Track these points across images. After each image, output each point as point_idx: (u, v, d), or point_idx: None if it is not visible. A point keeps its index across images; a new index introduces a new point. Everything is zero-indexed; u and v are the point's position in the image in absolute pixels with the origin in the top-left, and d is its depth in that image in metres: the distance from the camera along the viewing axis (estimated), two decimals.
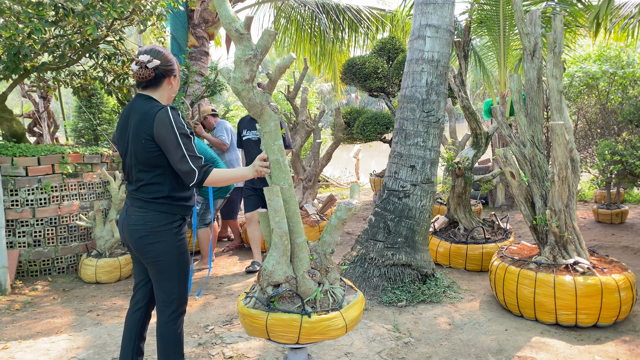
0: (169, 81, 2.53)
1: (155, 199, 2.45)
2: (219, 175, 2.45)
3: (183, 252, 2.53)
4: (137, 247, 2.47)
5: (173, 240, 2.47)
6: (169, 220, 2.47)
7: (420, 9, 4.58)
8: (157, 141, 2.37)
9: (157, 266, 2.47)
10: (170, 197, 2.47)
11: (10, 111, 5.47)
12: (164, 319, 2.52)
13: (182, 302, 2.56)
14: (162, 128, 2.35)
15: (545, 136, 5.10)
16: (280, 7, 10.70)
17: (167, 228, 2.46)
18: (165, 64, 2.48)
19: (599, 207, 7.33)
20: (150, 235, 2.43)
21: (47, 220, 5.11)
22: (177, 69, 2.58)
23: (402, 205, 4.50)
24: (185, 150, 2.36)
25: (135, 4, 4.74)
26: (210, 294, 4.63)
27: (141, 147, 2.40)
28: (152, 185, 2.45)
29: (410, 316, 3.90)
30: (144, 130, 2.38)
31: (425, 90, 4.51)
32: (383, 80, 9.14)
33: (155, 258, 2.46)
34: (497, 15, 8.28)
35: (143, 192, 2.46)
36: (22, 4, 4.34)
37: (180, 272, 2.52)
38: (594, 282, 3.50)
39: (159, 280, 2.51)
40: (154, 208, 2.45)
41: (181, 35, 8.30)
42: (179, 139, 2.35)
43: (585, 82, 7.79)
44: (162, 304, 2.53)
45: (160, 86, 2.51)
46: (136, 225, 2.45)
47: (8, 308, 4.29)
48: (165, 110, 2.39)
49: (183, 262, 2.53)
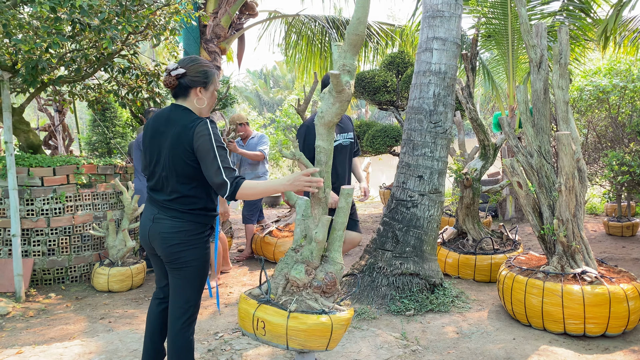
0: (195, 92, 2.51)
1: (192, 210, 2.48)
2: (251, 188, 2.41)
3: (207, 261, 2.60)
4: (167, 254, 2.49)
5: (202, 248, 2.54)
6: (201, 230, 2.52)
7: (427, 22, 4.66)
8: (197, 153, 2.39)
9: (183, 272, 2.51)
10: (205, 209, 2.52)
11: (27, 123, 5.61)
12: (179, 326, 2.55)
13: (196, 309, 2.62)
14: (201, 139, 2.36)
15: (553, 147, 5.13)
16: (291, 22, 10.88)
17: (199, 237, 2.51)
18: (193, 74, 2.48)
19: (610, 220, 7.30)
20: (183, 243, 2.46)
21: (62, 229, 5.21)
22: (211, 82, 2.55)
23: (410, 215, 4.54)
24: (220, 162, 2.36)
25: (149, 18, 4.87)
26: (220, 302, 4.68)
27: (181, 159, 2.41)
28: (190, 197, 2.47)
29: (418, 325, 3.92)
30: (185, 142, 2.39)
31: (433, 101, 4.57)
32: (392, 94, 9.23)
33: (184, 265, 2.49)
34: (505, 29, 8.37)
35: (180, 203, 2.48)
36: (41, 19, 4.49)
37: (201, 280, 2.59)
38: (602, 292, 3.50)
39: (181, 287, 2.53)
40: (190, 218, 2.48)
41: (193, 50, 8.48)
42: (216, 151, 2.36)
43: (596, 96, 7.81)
44: (179, 309, 2.55)
45: (188, 96, 2.51)
46: (169, 233, 2.46)
47: (22, 315, 4.37)
48: (204, 123, 2.41)
49: (205, 271, 2.59)
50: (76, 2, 4.02)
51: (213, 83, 2.57)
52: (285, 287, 2.64)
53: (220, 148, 2.38)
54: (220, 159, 2.36)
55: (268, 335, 2.48)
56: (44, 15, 4.21)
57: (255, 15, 9.78)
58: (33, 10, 4.15)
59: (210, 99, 2.59)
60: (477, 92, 20.48)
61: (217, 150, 2.36)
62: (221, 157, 2.37)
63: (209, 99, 2.57)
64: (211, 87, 2.57)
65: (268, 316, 2.48)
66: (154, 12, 4.90)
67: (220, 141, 2.41)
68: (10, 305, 4.50)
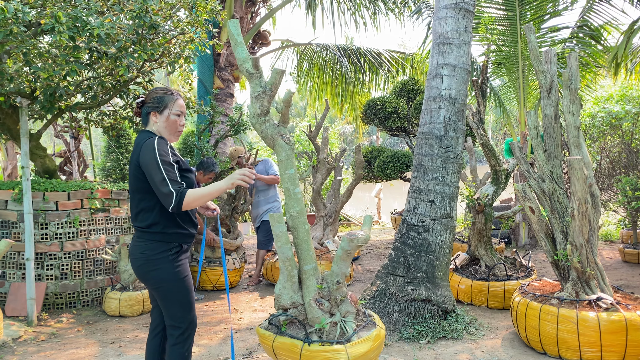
0: (151, 117, 2.67)
1: (148, 228, 2.56)
2: (195, 194, 2.48)
3: (182, 278, 2.61)
4: (138, 275, 2.61)
5: (170, 267, 2.57)
6: (164, 249, 2.57)
7: (437, 48, 4.72)
8: (142, 167, 2.51)
9: (159, 292, 2.60)
10: (159, 225, 2.57)
11: (44, 148, 5.72)
12: (172, 341, 2.62)
13: (188, 325, 2.63)
14: (146, 154, 2.49)
15: (565, 173, 5.10)
16: (303, 51, 11.06)
17: (162, 256, 2.57)
18: (149, 100, 2.67)
19: (626, 247, 7.19)
20: (148, 263, 2.56)
21: (75, 253, 5.25)
22: (166, 107, 2.67)
23: (421, 240, 4.52)
24: (165, 173, 2.44)
25: (165, 47, 4.99)
26: (229, 328, 4.65)
27: (133, 174, 2.58)
28: (143, 212, 2.58)
29: (431, 352, 3.86)
30: (135, 158, 2.56)
31: (443, 126, 4.59)
32: (403, 120, 9.28)
33: (156, 285, 2.58)
34: (515, 56, 8.44)
35: (139, 220, 2.60)
36: (60, 48, 4.61)
37: (182, 297, 2.61)
38: (619, 319, 3.43)
39: (163, 306, 2.62)
40: (148, 237, 2.58)
41: (207, 78, 8.62)
42: (159, 164, 2.46)
43: (608, 122, 7.79)
44: (170, 327, 2.63)
45: (148, 122, 2.69)
46: (135, 254, 2.60)
47: (34, 339, 4.37)
48: (152, 139, 2.54)
49: (183, 288, 2.61)
50: (94, 30, 4.13)
51: (168, 108, 2.67)
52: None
53: (164, 162, 2.47)
54: (165, 172, 2.45)
55: None
56: (63, 43, 4.33)
57: (268, 44, 9.97)
58: (53, 39, 4.28)
59: (166, 122, 2.67)
60: (489, 118, 20.53)
61: (161, 163, 2.46)
62: (166, 170, 2.46)
63: (164, 122, 2.67)
64: (166, 112, 2.67)
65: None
66: (169, 40, 5.02)
67: (167, 156, 2.50)
68: (22, 329, 4.52)
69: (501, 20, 8.36)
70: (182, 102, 2.71)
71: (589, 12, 8.31)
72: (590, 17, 8.31)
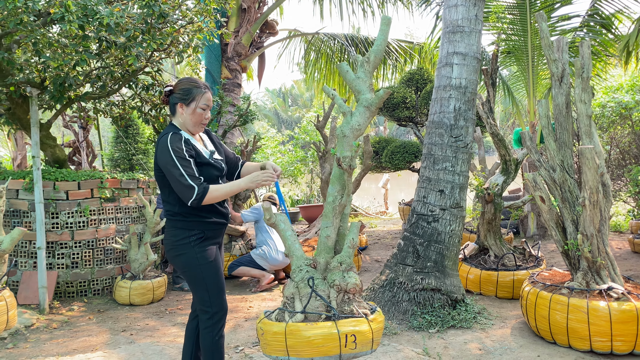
0: (178, 108, 2.67)
1: (172, 216, 2.65)
2: (217, 192, 2.55)
3: (207, 263, 2.64)
4: (169, 260, 2.72)
5: (192, 252, 2.62)
6: (185, 235, 2.63)
7: (447, 37, 4.68)
8: (160, 166, 2.58)
9: (186, 277, 2.68)
10: (180, 214, 2.63)
11: (54, 138, 5.74)
12: (202, 325, 2.68)
13: (217, 310, 2.66)
14: (162, 153, 2.54)
15: (575, 163, 5.07)
16: (311, 40, 11.00)
17: (184, 242, 2.62)
18: (177, 91, 2.67)
19: (635, 237, 7.15)
20: (173, 249, 2.65)
21: (85, 242, 5.28)
22: (193, 100, 2.65)
23: (431, 230, 4.52)
24: (182, 169, 2.49)
25: (173, 36, 4.98)
26: (240, 316, 4.68)
27: (155, 168, 2.66)
28: (166, 203, 2.68)
29: (440, 341, 3.86)
30: (155, 155, 2.62)
31: (454, 115, 4.57)
32: (411, 110, 9.23)
33: (182, 269, 2.67)
34: (525, 45, 8.36)
35: (165, 210, 2.70)
36: (69, 37, 4.62)
37: (209, 281, 2.64)
38: (629, 308, 3.42)
39: (192, 290, 2.71)
40: (172, 225, 2.66)
41: (215, 68, 8.62)
42: (175, 160, 2.50)
43: (618, 112, 7.72)
44: (200, 311, 2.69)
45: (175, 112, 2.70)
46: (165, 240, 2.71)
47: (46, 327, 4.42)
48: (165, 137, 2.58)
49: (209, 272, 2.65)
50: (104, 20, 4.13)
51: (195, 101, 2.66)
52: (342, 297, 2.63)
53: (180, 158, 2.51)
54: (182, 168, 2.49)
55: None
56: (73, 33, 4.33)
57: (276, 34, 9.93)
58: (62, 28, 4.28)
59: (192, 115, 2.66)
60: (497, 109, 20.37)
61: (176, 160, 2.50)
62: (183, 166, 2.50)
63: (190, 114, 2.66)
64: (193, 104, 2.66)
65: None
66: (178, 29, 5.02)
67: (181, 152, 2.52)
68: (35, 317, 4.57)
69: (511, 8, 8.27)
70: (210, 95, 2.71)
71: (600, 1, 8.21)
72: (602, 5, 8.21)
